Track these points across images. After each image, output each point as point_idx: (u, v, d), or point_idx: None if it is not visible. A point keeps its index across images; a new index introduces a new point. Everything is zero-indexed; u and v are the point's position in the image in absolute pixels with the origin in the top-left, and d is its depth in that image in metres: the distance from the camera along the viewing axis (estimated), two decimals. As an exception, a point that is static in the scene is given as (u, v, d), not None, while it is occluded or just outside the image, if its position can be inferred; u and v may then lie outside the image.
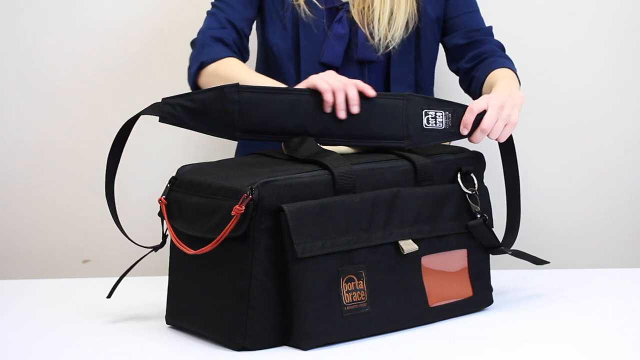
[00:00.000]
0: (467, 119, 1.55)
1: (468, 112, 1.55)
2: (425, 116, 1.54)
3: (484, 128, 1.55)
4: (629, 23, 2.20)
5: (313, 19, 1.81)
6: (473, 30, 1.86)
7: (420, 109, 1.54)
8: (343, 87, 1.52)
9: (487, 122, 1.55)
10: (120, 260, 1.69)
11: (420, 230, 1.49)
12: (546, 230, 2.21)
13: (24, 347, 1.44)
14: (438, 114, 1.54)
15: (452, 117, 1.55)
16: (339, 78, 1.54)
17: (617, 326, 1.49)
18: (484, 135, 1.56)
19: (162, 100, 1.52)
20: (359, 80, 1.55)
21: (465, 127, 1.55)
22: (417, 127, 1.53)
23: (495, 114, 1.55)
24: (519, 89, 1.73)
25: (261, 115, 1.51)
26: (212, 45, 1.77)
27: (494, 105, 1.55)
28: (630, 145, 2.22)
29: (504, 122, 1.56)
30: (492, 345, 1.41)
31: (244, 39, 1.82)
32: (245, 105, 1.51)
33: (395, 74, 1.84)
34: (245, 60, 1.83)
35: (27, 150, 2.22)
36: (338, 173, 1.43)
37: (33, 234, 2.24)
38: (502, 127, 1.56)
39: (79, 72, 2.20)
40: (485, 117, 1.55)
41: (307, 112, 1.52)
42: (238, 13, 1.82)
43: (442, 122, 1.54)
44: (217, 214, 1.40)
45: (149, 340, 1.46)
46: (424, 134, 1.54)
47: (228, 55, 1.75)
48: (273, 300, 1.39)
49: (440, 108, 1.54)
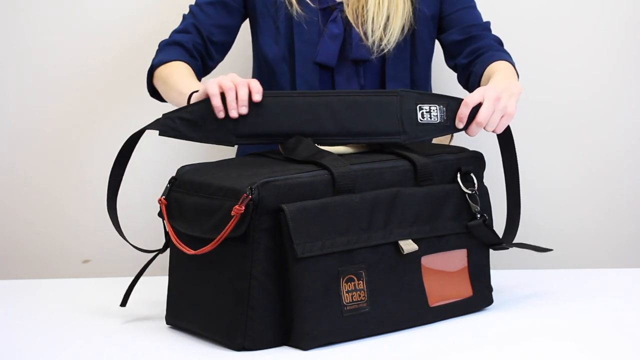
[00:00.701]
0: (462, 113, 1.53)
1: (463, 106, 1.53)
2: (420, 111, 1.53)
3: (480, 121, 1.53)
4: (629, 23, 2.20)
5: (306, 19, 1.80)
6: (470, 25, 1.85)
7: (414, 103, 1.53)
8: (234, 87, 1.51)
9: (483, 115, 1.53)
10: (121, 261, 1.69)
11: (420, 230, 1.49)
12: (546, 231, 2.21)
13: (24, 347, 1.44)
14: (432, 108, 1.53)
15: (447, 111, 1.54)
16: (234, 79, 1.52)
17: (617, 326, 1.49)
18: (480, 128, 1.54)
19: (163, 116, 1.53)
20: (256, 81, 1.52)
21: (461, 120, 1.53)
22: (412, 122, 1.52)
23: (491, 106, 1.53)
24: (517, 80, 1.72)
25: (256, 119, 1.51)
26: (166, 49, 1.80)
27: (489, 97, 1.54)
28: (630, 145, 2.22)
29: (500, 113, 1.54)
30: (492, 345, 1.41)
31: (208, 45, 1.83)
32: None
33: (390, 73, 1.84)
34: (209, 66, 1.85)
35: (27, 150, 2.22)
36: (338, 173, 1.43)
37: (33, 234, 2.24)
38: (499, 119, 1.55)
39: (79, 72, 2.20)
40: (481, 109, 1.53)
41: (302, 113, 1.52)
42: (210, 19, 1.83)
43: (437, 115, 1.53)
44: (217, 214, 1.40)
45: (149, 340, 1.46)
46: (419, 129, 1.53)
47: (177, 59, 1.77)
48: (273, 300, 1.39)
49: (435, 102, 1.53)
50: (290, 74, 1.83)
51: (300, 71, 1.81)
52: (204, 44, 1.82)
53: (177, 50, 1.79)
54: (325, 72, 1.83)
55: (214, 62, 1.86)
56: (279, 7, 1.82)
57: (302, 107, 1.52)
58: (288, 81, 1.83)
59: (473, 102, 1.53)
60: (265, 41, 1.85)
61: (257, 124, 1.51)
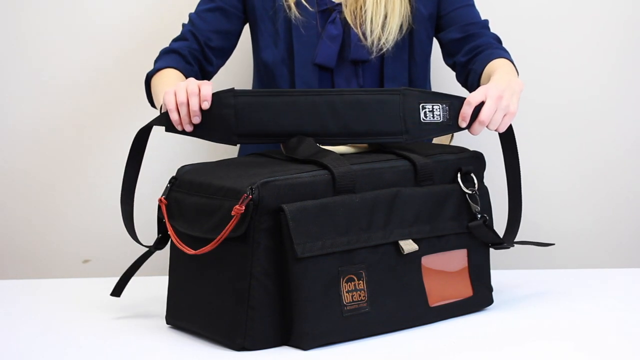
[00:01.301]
0: (465, 112, 1.53)
1: (466, 105, 1.53)
2: (423, 110, 1.52)
3: (483, 120, 1.53)
4: (628, 22, 2.20)
5: (303, 22, 1.81)
6: (469, 24, 1.85)
7: (417, 102, 1.52)
8: (186, 100, 1.51)
9: (486, 114, 1.53)
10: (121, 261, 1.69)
11: (420, 230, 1.49)
12: (546, 231, 2.21)
13: (24, 347, 1.44)
14: (435, 107, 1.53)
15: (450, 110, 1.53)
16: (188, 87, 1.52)
17: (617, 326, 1.49)
18: (482, 127, 1.54)
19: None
20: (207, 86, 1.52)
21: (464, 119, 1.53)
22: (415, 121, 1.52)
23: (493, 104, 1.53)
24: (517, 77, 1.72)
25: (258, 118, 1.51)
26: (162, 58, 1.82)
27: (492, 96, 1.53)
28: (630, 145, 2.22)
29: (502, 112, 1.54)
30: (492, 345, 1.41)
31: (206, 50, 1.84)
32: (241, 109, 1.51)
33: (389, 73, 1.84)
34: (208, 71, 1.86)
35: (27, 150, 2.22)
36: (338, 173, 1.43)
37: (33, 234, 2.24)
38: (501, 118, 1.55)
39: (79, 72, 2.20)
40: (484, 108, 1.53)
41: (304, 112, 1.51)
42: (207, 25, 1.85)
43: (439, 115, 1.53)
44: (217, 214, 1.40)
45: (149, 340, 1.46)
46: (422, 128, 1.52)
47: (169, 66, 1.78)
48: (273, 300, 1.39)
49: (437, 101, 1.53)
50: (290, 76, 1.83)
51: (299, 73, 1.81)
52: (201, 50, 1.84)
53: (172, 58, 1.80)
54: (325, 73, 1.83)
55: (214, 67, 1.87)
56: (277, 10, 1.83)
57: (304, 106, 1.51)
58: (288, 83, 1.84)
59: (476, 101, 1.53)
60: (264, 44, 1.86)
61: (258, 124, 1.51)
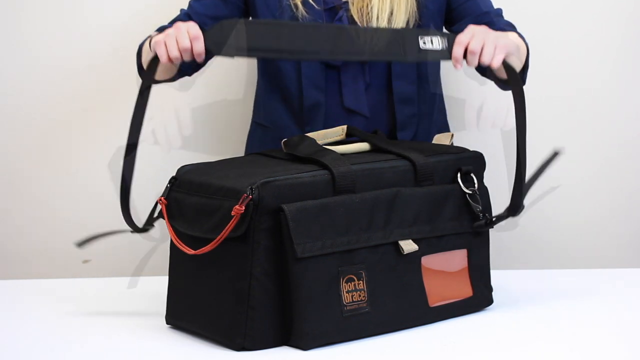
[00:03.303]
0: (457, 53, 1.54)
1: (456, 46, 1.55)
2: (422, 39, 1.56)
3: (472, 50, 1.53)
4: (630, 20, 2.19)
5: (310, 20, 1.80)
6: (482, 13, 1.85)
7: (416, 35, 1.56)
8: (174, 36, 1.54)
9: (474, 45, 1.54)
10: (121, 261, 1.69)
11: (420, 230, 1.49)
12: (546, 231, 2.21)
13: (24, 347, 1.44)
14: (434, 39, 1.56)
15: (448, 45, 1.56)
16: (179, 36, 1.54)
17: (617, 326, 1.49)
18: (475, 57, 1.54)
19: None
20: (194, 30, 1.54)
21: (457, 61, 1.55)
22: (414, 49, 1.56)
23: (481, 36, 1.55)
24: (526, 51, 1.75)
25: (269, 33, 1.55)
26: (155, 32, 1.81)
27: (480, 31, 1.56)
28: (631, 145, 2.22)
29: (492, 44, 1.55)
30: (492, 345, 1.41)
31: None
32: (253, 23, 1.57)
33: (396, 70, 1.83)
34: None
35: (26, 150, 2.22)
36: (338, 173, 1.43)
37: (33, 234, 2.24)
38: (493, 50, 1.55)
39: (79, 72, 2.20)
40: (471, 40, 1.55)
41: (317, 33, 1.57)
42: (205, 9, 1.86)
43: (438, 44, 1.56)
44: (217, 214, 1.40)
45: (149, 340, 1.46)
46: (421, 54, 1.56)
47: None
48: (273, 300, 1.39)
49: (435, 35, 1.57)
50: (297, 75, 1.83)
51: (306, 72, 1.81)
52: None
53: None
54: (332, 72, 1.83)
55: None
56: (284, 10, 1.82)
57: (322, 28, 1.60)
58: (294, 81, 1.83)
59: (465, 40, 1.55)
60: None
61: (273, 39, 1.54)
